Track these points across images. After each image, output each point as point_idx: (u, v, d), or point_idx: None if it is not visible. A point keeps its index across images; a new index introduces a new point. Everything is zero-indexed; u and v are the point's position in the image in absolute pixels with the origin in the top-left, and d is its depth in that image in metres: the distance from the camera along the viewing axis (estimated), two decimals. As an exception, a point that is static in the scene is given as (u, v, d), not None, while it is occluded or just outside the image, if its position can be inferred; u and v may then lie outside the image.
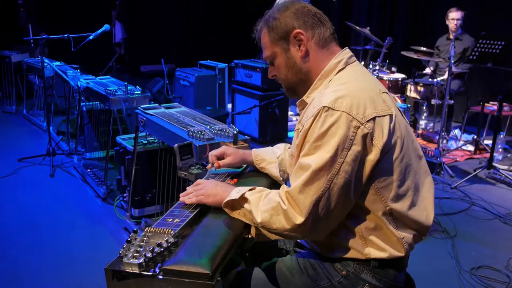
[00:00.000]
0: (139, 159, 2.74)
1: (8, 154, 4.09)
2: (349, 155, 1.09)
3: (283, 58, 1.28)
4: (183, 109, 2.66)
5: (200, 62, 5.26)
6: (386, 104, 1.16)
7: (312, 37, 1.25)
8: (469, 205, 3.29)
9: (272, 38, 1.28)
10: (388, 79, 4.76)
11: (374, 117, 1.11)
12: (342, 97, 1.12)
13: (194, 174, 1.81)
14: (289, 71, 1.29)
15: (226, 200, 1.22)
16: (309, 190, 1.10)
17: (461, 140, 4.66)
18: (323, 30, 1.26)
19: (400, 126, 1.17)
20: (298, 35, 1.24)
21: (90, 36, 3.47)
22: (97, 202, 3.17)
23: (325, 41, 1.26)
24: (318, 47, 1.26)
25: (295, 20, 1.25)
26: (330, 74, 1.24)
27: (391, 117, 1.14)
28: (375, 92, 1.17)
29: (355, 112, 1.10)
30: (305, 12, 1.26)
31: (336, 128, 1.09)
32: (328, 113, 1.10)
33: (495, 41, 4.07)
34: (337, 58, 1.26)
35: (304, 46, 1.25)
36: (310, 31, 1.25)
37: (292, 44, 1.26)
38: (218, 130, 2.19)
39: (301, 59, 1.26)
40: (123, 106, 3.07)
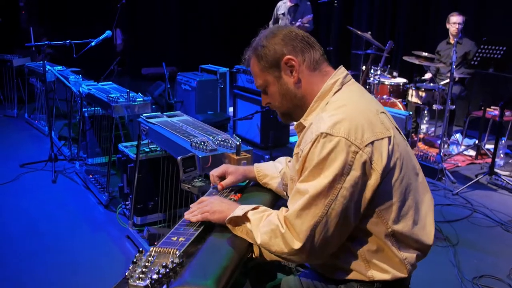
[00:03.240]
0: (141, 167, 2.74)
1: (10, 159, 4.09)
2: (348, 180, 1.09)
3: (276, 86, 1.27)
4: (185, 117, 2.66)
5: (202, 66, 5.27)
6: (384, 126, 1.16)
7: (303, 61, 1.25)
8: (471, 212, 3.30)
9: (262, 67, 1.27)
10: (390, 84, 4.76)
11: (372, 141, 1.11)
12: (340, 122, 1.11)
13: (197, 187, 1.81)
14: (284, 98, 1.28)
15: (229, 216, 1.22)
16: (306, 216, 1.10)
17: (463, 145, 4.66)
18: (313, 52, 1.26)
19: (399, 147, 1.17)
20: (289, 61, 1.24)
21: (92, 43, 3.46)
22: (99, 209, 3.18)
23: (316, 63, 1.26)
24: (310, 71, 1.25)
25: (284, 46, 1.24)
26: (327, 95, 1.24)
27: (389, 139, 1.14)
28: (372, 114, 1.17)
29: (354, 137, 1.10)
30: (293, 37, 1.25)
31: (335, 154, 1.09)
32: (327, 139, 1.10)
33: (497, 46, 4.07)
34: (332, 78, 1.25)
35: (296, 72, 1.24)
36: (300, 56, 1.24)
37: (283, 71, 1.25)
38: (220, 140, 2.19)
39: (294, 85, 1.26)
40: (125, 113, 3.07)
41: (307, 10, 5.37)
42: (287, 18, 5.42)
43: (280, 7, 5.52)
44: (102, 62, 6.70)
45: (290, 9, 5.40)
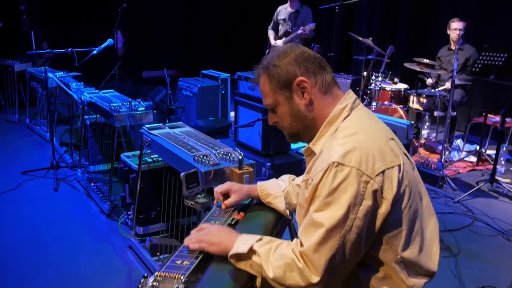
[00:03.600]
0: (143, 178, 2.75)
1: (12, 166, 4.10)
2: (361, 210, 1.10)
3: (287, 107, 1.27)
4: (187, 128, 2.67)
5: (203, 72, 5.27)
6: (394, 153, 1.17)
7: (315, 84, 1.24)
8: (472, 220, 3.30)
9: (274, 87, 1.26)
10: (391, 90, 4.76)
11: (383, 170, 1.12)
12: (351, 151, 1.12)
13: (200, 203, 1.82)
14: (294, 120, 1.28)
15: (232, 253, 1.20)
16: (323, 249, 1.10)
17: (464, 151, 4.67)
18: (325, 75, 1.25)
19: (407, 174, 1.18)
20: (302, 83, 1.23)
21: (93, 51, 3.47)
22: (101, 219, 3.19)
23: (327, 86, 1.26)
24: (321, 93, 1.25)
25: (297, 67, 1.23)
26: (336, 120, 1.24)
27: (399, 167, 1.15)
28: (382, 141, 1.18)
29: (365, 167, 1.10)
30: (306, 58, 1.24)
31: (347, 184, 1.09)
32: (338, 169, 1.10)
33: (498, 53, 4.08)
34: (342, 103, 1.25)
35: (308, 94, 1.24)
36: (312, 78, 1.24)
37: (295, 92, 1.25)
38: (223, 153, 2.20)
39: (305, 107, 1.25)
40: (127, 122, 3.08)
41: (308, 16, 5.37)
42: (288, 24, 5.42)
43: (280, 12, 5.52)
44: (103, 66, 6.70)
45: (291, 15, 5.41)
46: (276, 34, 5.56)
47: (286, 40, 5.35)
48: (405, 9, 6.20)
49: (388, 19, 6.43)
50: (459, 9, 5.51)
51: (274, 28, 5.61)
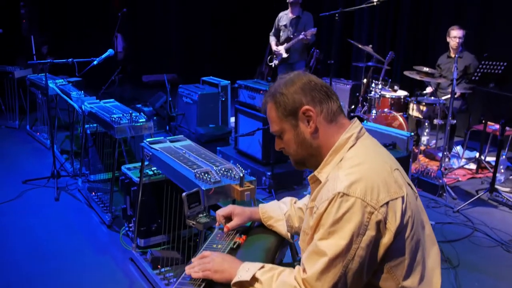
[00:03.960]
0: (144, 191, 2.75)
1: (13, 174, 4.11)
2: (364, 240, 1.12)
3: (292, 134, 1.29)
4: (188, 142, 2.68)
5: (203, 79, 5.27)
6: (398, 185, 1.18)
7: (321, 112, 1.26)
8: (472, 230, 3.31)
9: (280, 114, 1.29)
10: (391, 97, 4.78)
11: (387, 202, 1.14)
12: (356, 182, 1.14)
13: (202, 223, 1.83)
14: (299, 147, 1.30)
15: (235, 281, 1.23)
16: (326, 277, 1.12)
17: (463, 158, 4.68)
18: (331, 104, 1.27)
19: (410, 205, 1.20)
20: (307, 112, 1.25)
21: (94, 62, 3.48)
22: (102, 230, 3.19)
23: (333, 115, 1.28)
24: (327, 122, 1.27)
25: (303, 96, 1.26)
26: (342, 149, 1.26)
27: (403, 199, 1.17)
28: (387, 172, 1.19)
29: (369, 198, 1.12)
30: (312, 87, 1.27)
31: (351, 214, 1.11)
32: (343, 199, 1.12)
33: (497, 62, 4.09)
34: (347, 132, 1.27)
35: (313, 122, 1.26)
36: (318, 107, 1.26)
37: (301, 120, 1.27)
38: (224, 170, 2.21)
39: (310, 135, 1.27)
40: (128, 134, 3.08)
41: (309, 22, 5.37)
42: (289, 30, 5.43)
43: (281, 18, 5.53)
44: (103, 70, 6.69)
45: (292, 20, 5.41)
46: (278, 40, 5.57)
47: (287, 46, 5.36)
48: (405, 17, 6.20)
49: (387, 26, 6.43)
50: (459, 16, 5.52)
51: (275, 34, 5.62)
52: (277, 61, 5.56)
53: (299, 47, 5.41)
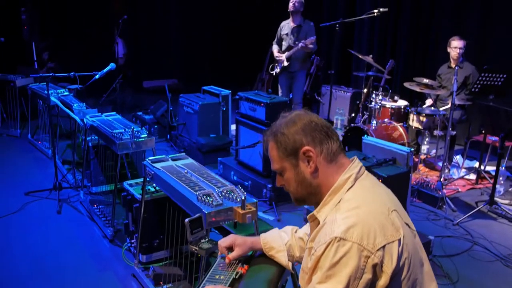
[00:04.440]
0: (146, 207, 2.77)
1: (15, 185, 4.13)
2: (361, 283, 1.14)
3: (293, 174, 1.32)
4: (190, 161, 2.70)
5: (204, 88, 5.29)
6: (395, 227, 1.20)
7: (321, 153, 1.29)
8: (471, 244, 3.34)
9: (281, 154, 1.32)
10: (391, 107, 4.80)
11: (384, 245, 1.16)
12: (353, 226, 1.16)
13: (204, 249, 1.85)
14: (299, 186, 1.33)
15: None
16: None
17: (463, 168, 4.70)
18: (331, 144, 1.30)
19: (407, 246, 1.21)
20: (308, 152, 1.28)
21: (96, 76, 3.50)
22: (104, 244, 3.22)
23: (333, 155, 1.30)
24: (326, 162, 1.30)
25: (304, 137, 1.28)
26: (340, 190, 1.28)
27: (399, 241, 1.19)
28: (384, 215, 1.21)
29: (366, 242, 1.14)
30: (313, 127, 1.29)
31: (348, 258, 1.14)
32: (340, 243, 1.15)
33: (497, 74, 4.11)
34: (346, 173, 1.29)
35: (313, 162, 1.29)
36: (318, 147, 1.29)
37: (301, 160, 1.30)
38: (226, 192, 2.23)
39: (310, 175, 1.30)
40: (130, 150, 3.10)
41: (310, 30, 5.40)
42: (290, 38, 5.46)
43: (283, 27, 5.56)
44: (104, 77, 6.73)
45: (293, 29, 5.44)
46: (280, 49, 5.60)
47: (288, 54, 5.39)
48: (405, 27, 6.21)
49: (388, 36, 6.45)
50: (459, 26, 5.54)
51: (278, 43, 5.65)
52: (278, 69, 5.58)
53: (300, 56, 5.43)
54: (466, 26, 5.51)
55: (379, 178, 2.91)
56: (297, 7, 5.33)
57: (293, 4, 5.33)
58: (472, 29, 5.43)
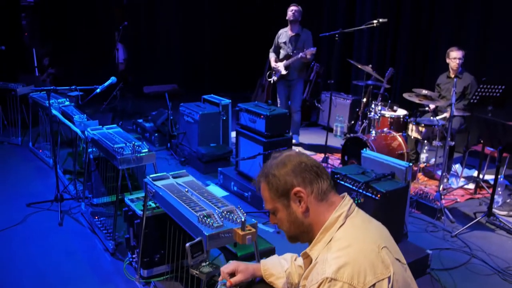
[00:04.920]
0: (147, 223, 2.81)
1: (17, 196, 4.16)
2: None
3: (285, 214, 1.37)
4: (190, 179, 2.73)
5: (204, 97, 5.31)
6: (384, 265, 1.24)
7: (312, 192, 1.33)
8: (469, 257, 3.36)
9: (273, 195, 1.36)
10: (390, 117, 4.82)
11: (374, 284, 1.20)
12: (343, 266, 1.20)
13: (205, 273, 1.89)
14: (292, 225, 1.37)
15: None
16: None
17: (462, 177, 4.73)
18: (321, 183, 1.34)
19: (397, 283, 1.26)
20: (298, 193, 1.33)
21: (97, 90, 3.52)
22: (106, 258, 3.24)
23: (323, 194, 1.35)
24: (317, 201, 1.34)
25: (294, 178, 1.33)
26: (331, 228, 1.32)
27: (389, 279, 1.23)
28: (374, 253, 1.25)
29: (356, 281, 1.18)
30: (303, 168, 1.34)
31: None
32: (331, 284, 1.19)
33: (496, 85, 4.14)
34: (337, 211, 1.33)
35: (304, 203, 1.33)
36: (309, 187, 1.33)
37: (292, 201, 1.34)
38: (226, 212, 2.26)
39: (302, 214, 1.35)
40: (131, 165, 3.13)
41: (308, 39, 5.42)
42: (288, 47, 5.48)
43: (281, 35, 5.57)
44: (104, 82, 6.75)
45: (291, 38, 5.46)
46: (278, 57, 5.61)
47: (286, 63, 5.41)
48: (405, 36, 6.24)
49: (387, 46, 6.48)
50: (459, 36, 5.57)
51: (275, 51, 5.67)
52: (276, 77, 5.60)
53: (298, 65, 5.46)
54: (465, 36, 5.54)
55: (378, 193, 2.95)
56: (296, 16, 5.36)
57: (292, 13, 5.35)
58: (471, 39, 5.45)
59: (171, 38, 8.73)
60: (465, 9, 5.54)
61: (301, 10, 5.41)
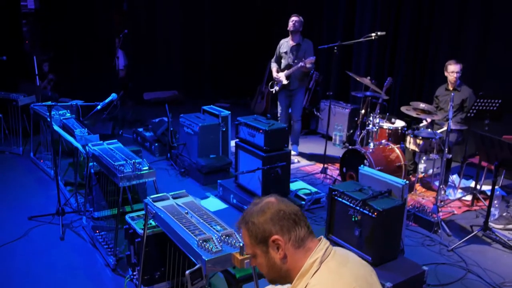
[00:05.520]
0: (148, 242, 2.85)
1: (18, 209, 4.20)
2: None
3: (264, 259, 1.43)
4: (190, 199, 2.77)
5: (204, 108, 5.36)
6: None
7: (289, 240, 1.39)
8: (465, 272, 3.41)
9: (253, 241, 1.43)
10: (388, 128, 4.87)
11: None
12: None
13: (204, 300, 1.94)
14: (270, 270, 1.44)
15: None
16: None
17: (459, 188, 4.78)
18: (298, 230, 1.40)
19: None
20: (276, 241, 1.38)
21: (98, 106, 3.57)
22: (107, 273, 3.29)
23: (301, 241, 1.40)
24: (294, 248, 1.40)
25: (273, 226, 1.39)
26: (306, 274, 1.38)
27: None
28: None
29: None
30: (281, 216, 1.39)
31: None
32: None
33: (493, 100, 4.19)
34: (312, 257, 1.39)
35: (282, 250, 1.39)
36: (287, 235, 1.39)
37: (271, 248, 1.40)
38: (225, 236, 2.31)
39: (280, 260, 1.40)
40: (132, 182, 3.18)
41: (309, 49, 5.46)
42: (290, 57, 5.53)
43: (282, 45, 5.62)
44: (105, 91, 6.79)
45: (292, 48, 5.51)
46: (279, 67, 5.66)
47: (287, 73, 5.46)
48: (403, 49, 6.28)
49: (385, 58, 6.52)
50: (458, 48, 5.60)
51: (276, 61, 5.72)
52: (278, 87, 5.65)
53: (299, 75, 5.50)
54: (463, 48, 5.58)
55: (375, 211, 2.99)
56: (297, 27, 5.40)
57: (293, 24, 5.39)
58: (469, 52, 5.49)
59: (171, 44, 8.77)
60: (463, 22, 5.59)
61: (302, 21, 5.45)
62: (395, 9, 6.33)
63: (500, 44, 5.23)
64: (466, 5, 5.53)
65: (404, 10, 6.21)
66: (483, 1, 5.34)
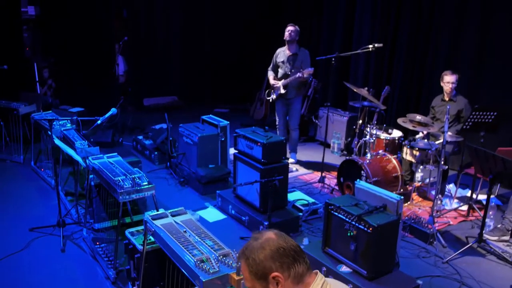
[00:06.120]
0: (147, 257, 2.91)
1: (19, 220, 4.25)
2: None
3: None
4: (189, 217, 2.82)
5: (203, 118, 5.40)
6: None
7: (288, 276, 1.43)
8: (459, 285, 3.47)
9: (252, 276, 1.46)
10: (385, 138, 4.92)
11: None
12: None
13: (202, 323, 1.99)
14: None
15: None
16: None
17: (455, 197, 4.83)
18: (298, 267, 1.44)
19: None
20: (276, 277, 1.42)
21: (98, 121, 3.62)
22: (107, 286, 3.35)
23: (300, 277, 1.45)
24: (293, 284, 1.45)
25: (273, 263, 1.42)
26: None
27: None
28: None
29: None
30: (281, 254, 1.43)
31: None
32: None
33: (488, 112, 4.24)
34: None
35: (281, 286, 1.43)
36: (286, 272, 1.43)
37: (271, 283, 1.44)
38: (222, 256, 2.36)
39: None
40: (132, 197, 3.23)
41: (305, 59, 5.51)
42: (286, 66, 5.57)
43: (279, 55, 5.66)
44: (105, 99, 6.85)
45: (289, 57, 5.55)
46: (276, 75, 5.71)
47: (285, 82, 5.50)
48: (401, 60, 6.32)
49: (383, 69, 6.57)
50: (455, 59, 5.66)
51: (273, 69, 5.76)
52: (275, 96, 5.69)
53: (296, 84, 5.55)
54: (460, 59, 5.62)
55: (370, 226, 3.05)
56: (293, 36, 5.44)
57: (289, 34, 5.43)
58: (466, 63, 5.54)
59: (171, 51, 8.81)
60: (460, 34, 5.63)
61: (298, 30, 5.49)
62: (394, 20, 6.38)
63: (497, 56, 5.28)
64: (463, 18, 5.58)
65: (403, 21, 6.26)
66: (480, 14, 5.38)
